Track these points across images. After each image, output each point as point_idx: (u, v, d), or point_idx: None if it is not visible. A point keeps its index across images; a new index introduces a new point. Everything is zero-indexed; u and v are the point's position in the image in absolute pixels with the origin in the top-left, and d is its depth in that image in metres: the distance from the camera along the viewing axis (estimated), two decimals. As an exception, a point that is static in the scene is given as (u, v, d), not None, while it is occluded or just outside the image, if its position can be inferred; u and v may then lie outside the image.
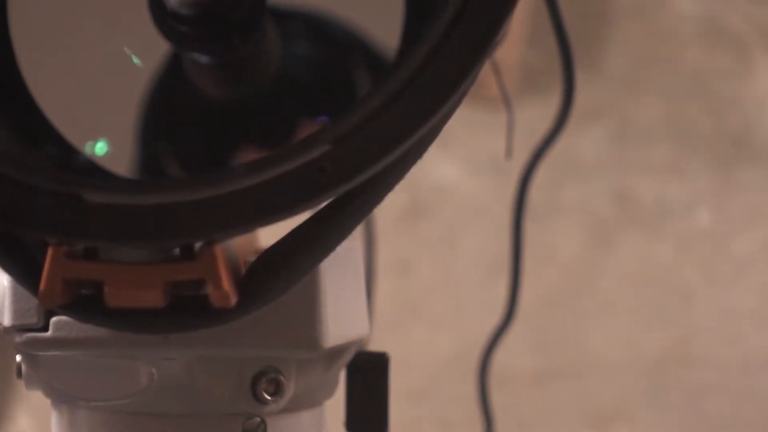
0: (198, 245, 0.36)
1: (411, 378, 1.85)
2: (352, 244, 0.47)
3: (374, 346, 1.63)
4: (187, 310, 0.37)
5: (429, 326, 1.93)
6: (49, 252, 0.35)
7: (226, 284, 0.35)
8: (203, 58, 0.46)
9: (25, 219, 0.34)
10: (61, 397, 0.48)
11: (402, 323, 1.94)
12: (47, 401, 0.49)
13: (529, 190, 0.67)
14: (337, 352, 0.46)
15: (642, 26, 2.62)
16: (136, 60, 0.46)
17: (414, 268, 2.04)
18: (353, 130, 0.34)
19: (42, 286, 0.35)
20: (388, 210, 2.14)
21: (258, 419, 0.46)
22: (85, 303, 0.37)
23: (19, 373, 0.47)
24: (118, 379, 0.46)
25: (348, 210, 0.37)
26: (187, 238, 0.34)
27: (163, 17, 0.42)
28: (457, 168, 2.23)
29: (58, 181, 0.34)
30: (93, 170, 0.42)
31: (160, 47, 0.45)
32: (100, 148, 0.43)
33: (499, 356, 1.88)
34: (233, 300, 0.36)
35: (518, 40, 2.31)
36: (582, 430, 1.79)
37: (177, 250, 0.36)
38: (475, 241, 2.02)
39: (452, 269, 2.03)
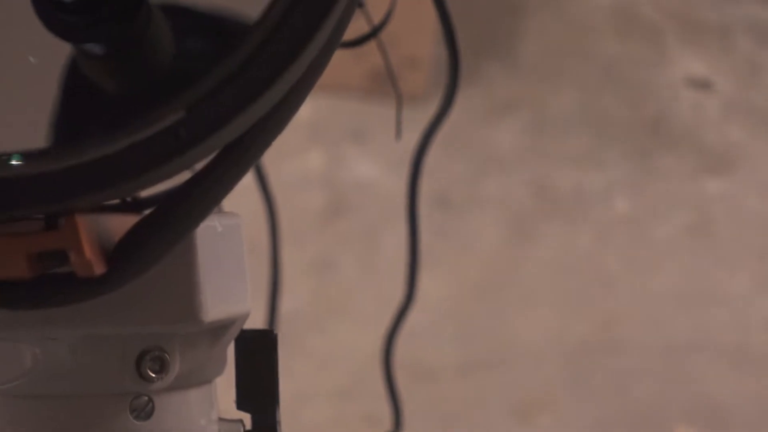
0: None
1: (335, 376, 1.85)
2: (232, 221, 0.47)
3: (298, 345, 1.63)
4: (53, 283, 0.37)
5: (352, 323, 1.93)
6: None
7: (88, 252, 0.35)
8: (95, 48, 0.46)
9: None
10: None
11: (325, 321, 1.94)
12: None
13: (421, 172, 0.67)
14: (220, 327, 0.46)
15: (555, 17, 2.64)
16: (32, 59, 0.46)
17: (336, 267, 2.04)
18: (206, 96, 0.34)
19: None
20: (309, 209, 2.14)
21: (145, 398, 0.46)
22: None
23: None
24: (2, 363, 0.46)
25: (212, 180, 0.37)
26: (40, 207, 0.34)
27: (47, 11, 0.42)
28: (376, 165, 2.24)
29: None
30: None
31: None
32: None
33: (423, 350, 1.89)
34: (98, 270, 0.36)
35: (430, 36, 2.32)
36: (507, 420, 1.80)
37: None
38: (396, 238, 2.02)
39: (374, 266, 2.04)
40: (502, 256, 2.08)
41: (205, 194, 0.37)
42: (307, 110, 2.37)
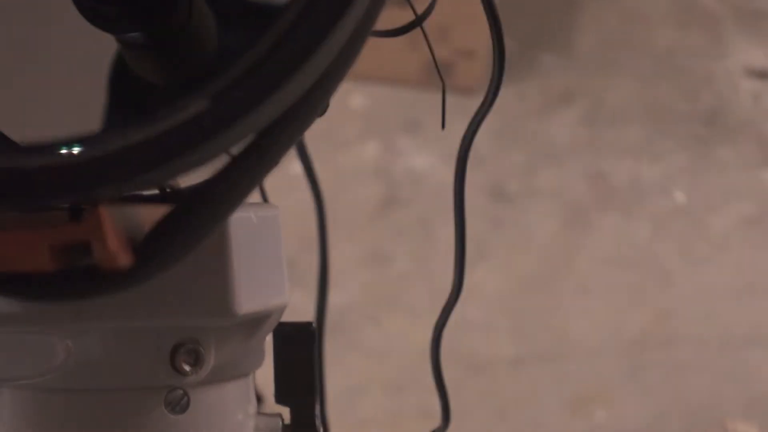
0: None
1: (389, 369, 1.84)
2: (269, 212, 0.47)
3: (353, 338, 1.63)
4: (77, 276, 0.36)
5: (406, 316, 1.92)
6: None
7: (112, 245, 0.34)
8: (137, 38, 0.46)
9: None
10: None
11: (379, 314, 1.93)
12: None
13: (467, 161, 0.66)
14: (255, 320, 0.45)
15: (611, 7, 2.62)
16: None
17: (390, 259, 2.03)
18: (231, 85, 0.34)
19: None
20: (364, 201, 2.14)
21: (180, 392, 0.46)
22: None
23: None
24: (35, 356, 0.45)
25: (241, 170, 0.37)
26: (64, 197, 0.34)
27: (87, 4, 0.42)
28: (430, 156, 2.23)
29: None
30: None
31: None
32: None
33: (477, 343, 1.88)
34: (123, 263, 0.35)
35: (485, 27, 2.31)
36: (562, 414, 1.79)
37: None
38: (450, 229, 2.01)
39: (427, 258, 2.03)
40: (557, 248, 2.06)
41: (234, 185, 0.37)
42: (362, 101, 2.37)
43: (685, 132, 2.32)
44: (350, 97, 2.36)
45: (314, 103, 0.37)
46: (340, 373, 1.82)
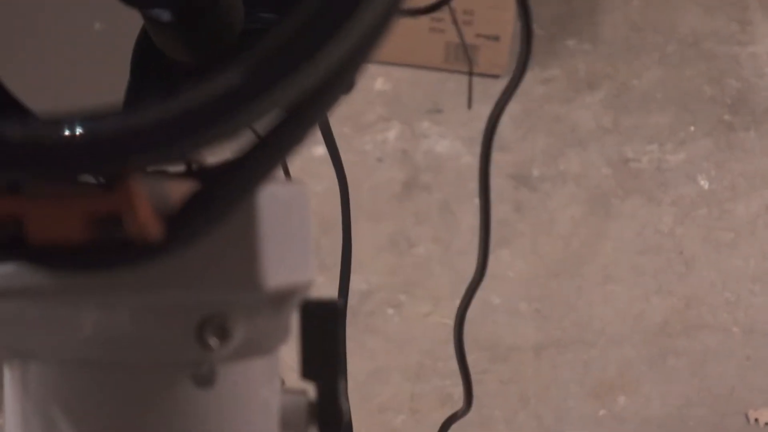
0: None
1: (411, 353, 1.84)
2: (298, 190, 0.47)
3: (375, 322, 1.63)
4: (109, 248, 0.37)
5: (428, 300, 1.92)
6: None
7: (142, 215, 0.34)
8: (163, 15, 0.46)
9: None
10: (7, 353, 0.47)
11: (402, 298, 1.93)
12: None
13: (493, 144, 0.66)
14: (282, 295, 0.45)
15: (637, -8, 2.61)
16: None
17: (412, 243, 2.03)
18: (261, 61, 0.34)
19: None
20: (387, 184, 2.14)
21: (207, 366, 0.46)
22: (7, 243, 0.37)
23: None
24: (62, 330, 0.45)
25: (266, 147, 0.37)
26: (96, 167, 0.34)
27: None
28: (455, 140, 2.23)
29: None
30: (7, 106, 0.42)
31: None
32: None
33: (501, 329, 1.88)
34: (153, 233, 0.35)
35: (511, 13, 2.31)
36: (585, 401, 1.79)
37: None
38: (473, 213, 2.01)
39: (449, 242, 2.03)
40: (581, 234, 2.06)
41: (262, 160, 0.37)
42: (385, 85, 2.37)
43: (710, 118, 2.31)
44: (373, 81, 2.36)
45: (341, 80, 0.37)
46: (361, 357, 1.82)
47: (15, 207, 0.36)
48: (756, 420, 1.74)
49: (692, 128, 2.28)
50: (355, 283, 1.94)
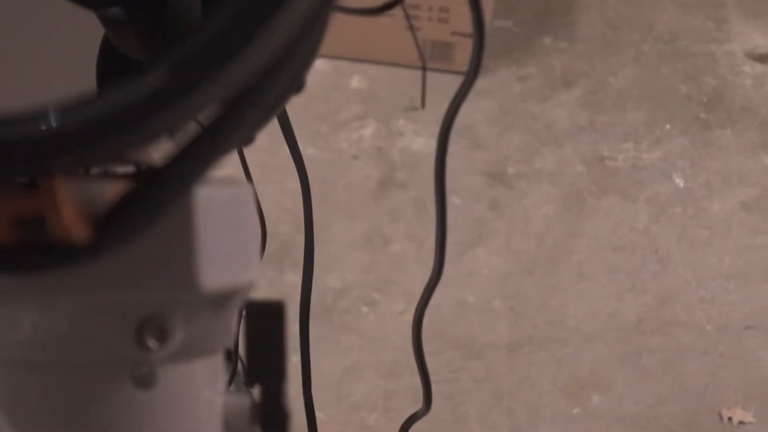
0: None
1: (385, 352, 1.84)
2: (240, 189, 0.46)
3: (349, 320, 1.62)
4: (37, 249, 0.36)
5: (402, 298, 1.92)
6: None
7: (67, 218, 0.34)
8: (117, 14, 0.46)
9: None
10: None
11: (375, 295, 1.93)
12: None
13: (449, 139, 0.66)
14: (223, 296, 0.45)
15: (613, -10, 2.61)
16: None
17: (387, 240, 2.03)
18: (188, 57, 0.33)
19: None
20: (362, 182, 2.13)
21: (146, 367, 0.45)
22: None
23: None
24: (0, 330, 0.45)
25: (200, 145, 0.36)
26: (16, 170, 0.33)
27: None
28: (429, 138, 2.23)
29: None
30: None
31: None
32: None
33: (475, 326, 1.88)
34: (80, 235, 0.35)
35: (490, 10, 2.32)
36: (558, 399, 1.78)
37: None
38: (449, 211, 2.01)
39: (425, 240, 2.03)
40: (556, 231, 2.06)
41: (195, 159, 0.37)
42: (362, 83, 2.36)
43: (686, 116, 2.31)
44: (349, 79, 2.36)
45: (278, 78, 0.36)
46: (335, 355, 1.82)
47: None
48: (729, 419, 1.74)
49: (668, 126, 2.28)
50: (330, 280, 1.94)
